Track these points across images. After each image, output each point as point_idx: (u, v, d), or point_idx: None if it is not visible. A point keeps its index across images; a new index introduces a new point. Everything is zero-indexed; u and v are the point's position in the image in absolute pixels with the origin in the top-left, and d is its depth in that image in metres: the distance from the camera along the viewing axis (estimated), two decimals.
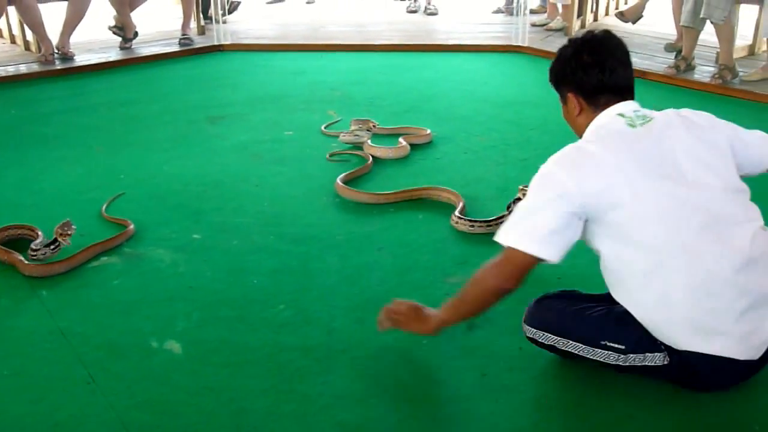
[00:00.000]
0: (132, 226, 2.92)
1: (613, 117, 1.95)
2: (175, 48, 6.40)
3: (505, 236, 1.86)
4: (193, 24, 6.83)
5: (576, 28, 6.48)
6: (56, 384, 2.06)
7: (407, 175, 3.50)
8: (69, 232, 2.75)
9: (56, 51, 5.98)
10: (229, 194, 3.28)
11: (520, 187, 2.80)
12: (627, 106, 1.97)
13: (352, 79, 5.43)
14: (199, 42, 6.61)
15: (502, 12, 7.51)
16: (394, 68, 5.75)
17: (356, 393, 2.02)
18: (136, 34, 6.43)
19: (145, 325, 2.33)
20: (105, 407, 1.96)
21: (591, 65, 1.95)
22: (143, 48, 6.38)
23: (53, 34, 6.00)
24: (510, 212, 2.33)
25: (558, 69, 2.02)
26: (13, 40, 6.71)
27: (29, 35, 6.30)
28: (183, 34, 6.52)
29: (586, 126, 1.99)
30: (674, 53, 5.38)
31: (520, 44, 6.15)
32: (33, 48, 6.28)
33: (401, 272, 2.64)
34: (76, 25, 6.07)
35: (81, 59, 6.04)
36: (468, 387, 2.03)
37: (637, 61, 5.48)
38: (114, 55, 6.23)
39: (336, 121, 4.30)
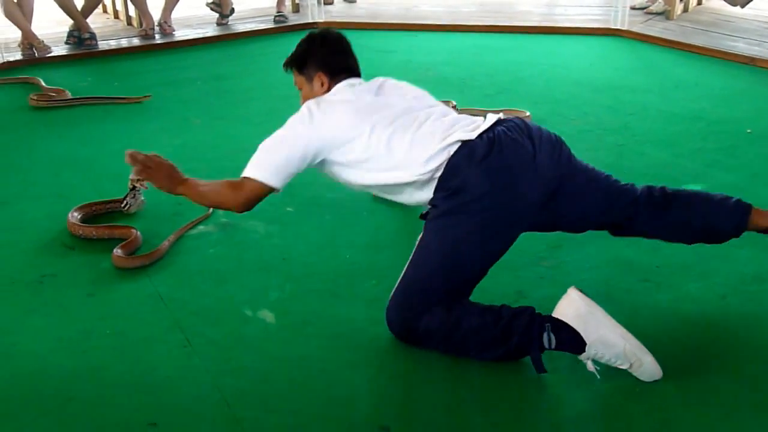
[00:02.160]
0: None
1: (345, 85, 2.34)
2: (270, 25, 6.49)
3: (248, 169, 2.24)
4: (288, 2, 6.90)
5: (678, 12, 6.26)
6: (154, 346, 2.12)
7: None
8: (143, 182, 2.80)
9: (157, 26, 6.14)
10: None
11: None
12: (355, 80, 2.39)
13: (444, 60, 5.38)
14: (294, 19, 6.67)
15: None
16: (487, 49, 5.67)
17: (447, 372, 1.99)
18: (232, 10, 6.54)
19: (239, 293, 2.37)
20: (200, 371, 2.00)
21: (340, 52, 2.42)
22: (239, 24, 6.49)
23: (155, 10, 6.16)
24: None
25: (308, 54, 2.41)
26: (116, 16, 6.93)
27: (132, 11, 6.49)
28: (278, 12, 6.60)
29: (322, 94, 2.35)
30: None
31: (618, 27, 5.96)
32: (135, 23, 6.47)
33: None
34: (177, 2, 6.21)
35: (179, 34, 6.19)
36: (563, 372, 1.99)
37: (745, 47, 5.28)
38: (211, 30, 6.36)
39: None
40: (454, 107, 3.86)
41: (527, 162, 2.06)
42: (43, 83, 4.76)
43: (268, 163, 2.22)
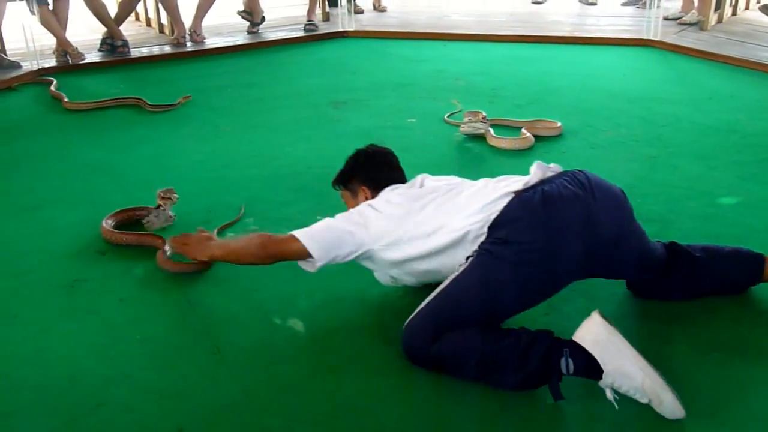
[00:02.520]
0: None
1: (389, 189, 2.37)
2: (301, 33, 6.54)
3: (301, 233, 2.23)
4: (318, 11, 6.93)
5: (712, 23, 6.21)
6: (184, 353, 2.13)
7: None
8: (171, 198, 2.87)
9: (188, 34, 6.20)
10: None
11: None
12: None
13: (475, 69, 5.37)
14: (324, 28, 6.71)
15: (632, 4, 7.27)
16: (518, 59, 5.65)
17: (471, 386, 1.98)
18: (263, 19, 6.60)
19: (268, 301, 2.37)
20: (229, 379, 2.00)
21: (384, 165, 2.54)
22: (269, 33, 6.54)
23: (185, 18, 6.22)
24: None
25: (353, 170, 2.55)
26: (148, 24, 7.02)
27: (164, 19, 6.56)
28: (308, 20, 6.64)
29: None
30: None
31: (651, 38, 5.92)
32: (166, 31, 6.54)
33: None
34: (208, 10, 6.28)
35: (210, 42, 6.25)
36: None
37: None
38: (241, 39, 6.41)
39: (458, 111, 4.27)
40: (483, 118, 3.85)
41: (583, 221, 2.01)
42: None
43: (322, 238, 2.24)
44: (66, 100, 4.61)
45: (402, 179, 2.49)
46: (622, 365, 1.80)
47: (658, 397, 1.79)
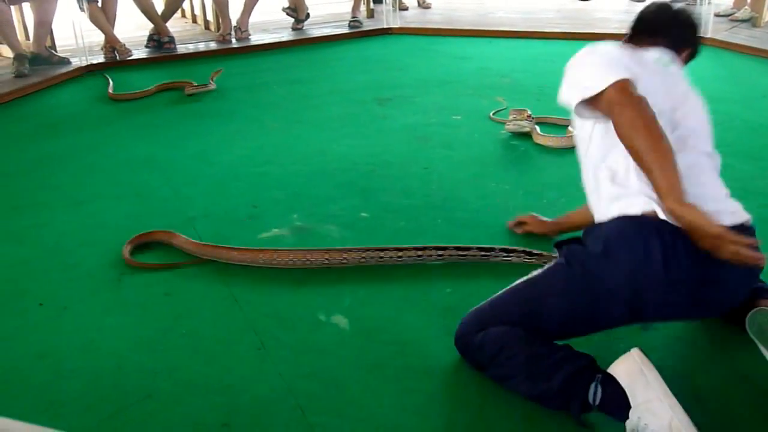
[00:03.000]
0: None
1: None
2: (345, 30, 6.55)
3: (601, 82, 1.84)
4: (363, 7, 6.94)
5: (765, 19, 6.06)
6: (228, 347, 2.13)
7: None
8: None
9: (234, 31, 6.25)
10: (396, 175, 3.29)
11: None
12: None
13: (520, 67, 5.33)
14: (368, 24, 6.72)
15: (682, 1, 7.13)
16: (564, 57, 5.48)
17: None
18: (308, 15, 6.63)
19: (313, 298, 2.37)
20: (274, 374, 2.00)
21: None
22: (314, 29, 6.57)
23: (233, 14, 6.27)
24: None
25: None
26: (194, 20, 7.10)
27: (209, 15, 6.63)
28: (353, 17, 6.66)
29: None
30: None
31: (701, 35, 5.80)
32: (212, 27, 6.60)
33: None
34: (254, 6, 6.32)
35: (255, 39, 6.30)
36: None
37: None
38: (286, 35, 6.44)
39: (503, 108, 4.23)
40: (529, 116, 3.81)
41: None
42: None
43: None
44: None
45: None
46: (651, 400, 1.65)
47: None
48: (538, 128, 3.75)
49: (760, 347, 1.91)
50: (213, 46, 6.16)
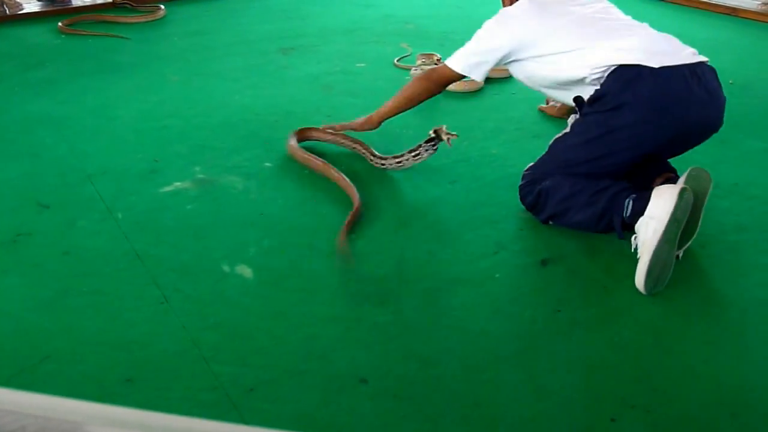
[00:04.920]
0: None
1: None
2: None
3: (453, 61, 2.58)
4: None
5: None
6: (131, 303, 2.10)
7: (479, 109, 3.42)
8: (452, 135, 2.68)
9: None
10: (300, 124, 3.25)
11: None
12: None
13: (425, 13, 5.31)
14: None
15: None
16: (468, 1, 5.59)
17: (426, 324, 2.00)
18: None
19: (217, 249, 2.34)
20: (178, 327, 1.98)
21: None
22: None
23: None
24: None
25: None
26: None
27: None
28: None
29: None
30: None
31: None
32: None
33: (474, 206, 2.59)
34: None
35: None
36: (540, 322, 1.99)
37: None
38: None
39: (408, 55, 4.22)
40: (438, 60, 3.81)
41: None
42: None
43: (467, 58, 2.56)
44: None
45: None
46: (648, 221, 2.09)
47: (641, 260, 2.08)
48: None
49: (686, 190, 2.13)
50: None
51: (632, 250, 2.17)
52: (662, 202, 2.09)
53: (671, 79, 2.25)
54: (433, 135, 2.70)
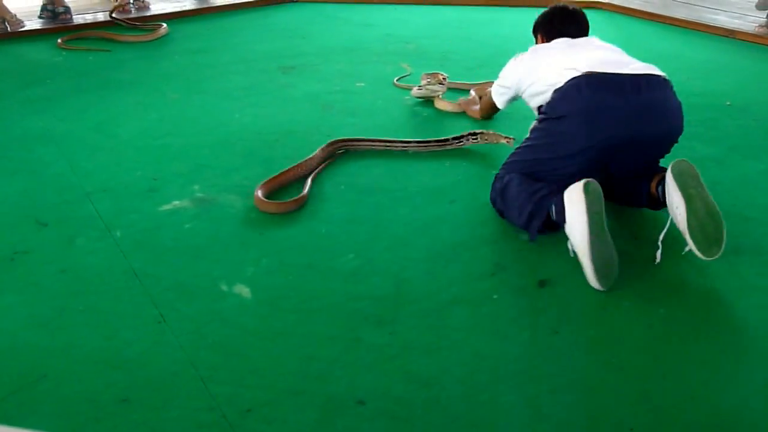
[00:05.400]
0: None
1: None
2: None
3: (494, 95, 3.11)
4: None
5: None
6: (128, 322, 2.09)
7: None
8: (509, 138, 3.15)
9: (132, 0, 6.05)
10: (300, 143, 3.26)
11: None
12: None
13: (425, 33, 5.34)
14: None
15: None
16: (469, 23, 5.64)
17: (424, 344, 1.99)
18: None
19: (215, 268, 2.34)
20: (175, 347, 1.97)
21: (563, 20, 3.00)
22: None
23: None
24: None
25: (538, 22, 3.10)
26: None
27: None
28: None
29: None
30: (766, 12, 5.12)
31: (599, 0, 5.94)
32: None
33: (473, 225, 2.59)
34: None
35: (157, 8, 6.10)
36: (539, 343, 1.99)
37: (726, 20, 5.27)
38: (189, 4, 6.27)
39: (408, 74, 4.24)
40: (444, 79, 3.81)
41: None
42: None
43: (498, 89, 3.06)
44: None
45: (577, 34, 2.90)
46: (571, 225, 2.25)
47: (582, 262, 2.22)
48: (441, 95, 3.77)
49: (675, 187, 2.26)
50: (113, 15, 5.93)
51: (570, 255, 2.31)
52: (574, 204, 2.23)
53: (607, 91, 2.41)
54: (466, 134, 3.20)
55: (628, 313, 2.10)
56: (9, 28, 5.44)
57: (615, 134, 2.42)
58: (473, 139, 3.20)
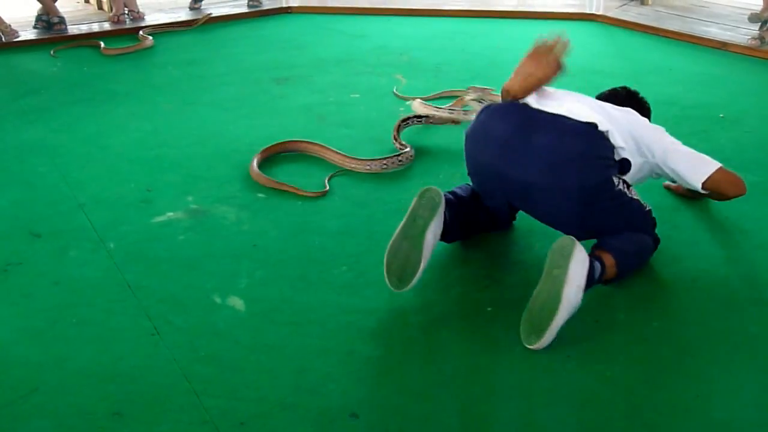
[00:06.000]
0: None
1: None
2: (244, 9, 6.41)
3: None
4: None
5: None
6: (121, 334, 2.09)
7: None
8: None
9: (127, 11, 6.04)
10: (293, 155, 3.27)
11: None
12: None
13: (418, 45, 5.35)
14: (267, 4, 6.60)
15: None
16: (462, 34, 5.64)
17: (418, 358, 1.99)
18: None
19: (208, 280, 2.34)
20: (168, 359, 1.97)
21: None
22: (212, 8, 6.39)
23: None
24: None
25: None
26: (87, 0, 6.81)
27: None
28: None
29: None
30: (759, 24, 5.15)
31: (594, 12, 5.97)
32: (105, 7, 6.37)
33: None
34: None
35: (151, 19, 6.09)
36: (533, 357, 1.99)
37: (719, 32, 5.30)
38: (183, 15, 6.26)
39: (403, 84, 4.25)
40: (492, 92, 3.61)
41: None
42: None
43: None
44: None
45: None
46: None
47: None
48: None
49: (547, 262, 2.08)
50: (106, 26, 5.93)
51: None
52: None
53: (500, 119, 2.34)
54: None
55: (622, 327, 2.11)
56: (3, 38, 5.43)
57: (483, 162, 2.34)
58: (417, 121, 3.27)
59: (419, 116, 3.29)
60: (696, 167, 2.40)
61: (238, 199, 2.87)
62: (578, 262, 2.02)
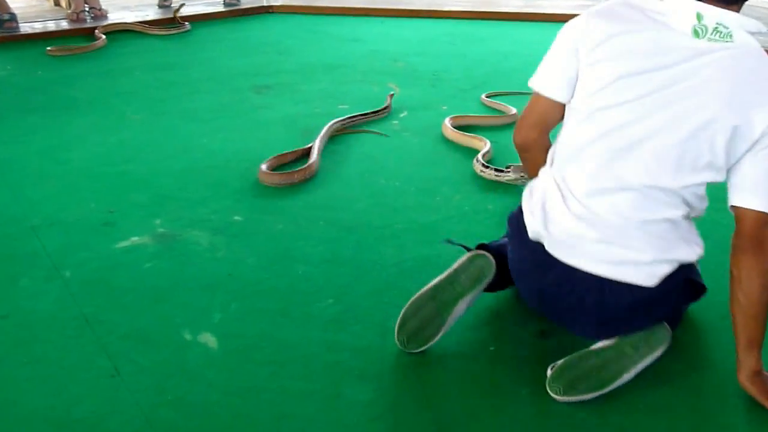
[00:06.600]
0: None
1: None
2: (220, 8, 6.48)
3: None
4: None
5: None
6: (78, 375, 2.08)
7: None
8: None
9: (87, 8, 6.08)
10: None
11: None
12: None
13: (415, 49, 5.40)
14: (246, 2, 6.66)
15: None
16: (464, 38, 5.70)
17: (412, 401, 1.99)
18: None
19: (178, 314, 2.34)
20: (130, 404, 1.96)
21: None
22: (184, 7, 6.44)
23: None
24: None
25: None
26: None
27: None
28: None
29: None
30: None
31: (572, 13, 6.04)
32: (63, 4, 6.41)
33: None
34: None
35: (115, 17, 6.14)
36: (540, 401, 1.98)
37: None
38: (152, 13, 6.32)
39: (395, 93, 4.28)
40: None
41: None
42: None
43: None
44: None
45: None
46: None
47: None
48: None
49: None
50: (64, 25, 5.98)
51: None
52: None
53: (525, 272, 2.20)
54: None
55: (642, 371, 2.11)
56: None
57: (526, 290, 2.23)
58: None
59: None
60: None
61: (212, 222, 2.88)
62: (654, 359, 2.05)
